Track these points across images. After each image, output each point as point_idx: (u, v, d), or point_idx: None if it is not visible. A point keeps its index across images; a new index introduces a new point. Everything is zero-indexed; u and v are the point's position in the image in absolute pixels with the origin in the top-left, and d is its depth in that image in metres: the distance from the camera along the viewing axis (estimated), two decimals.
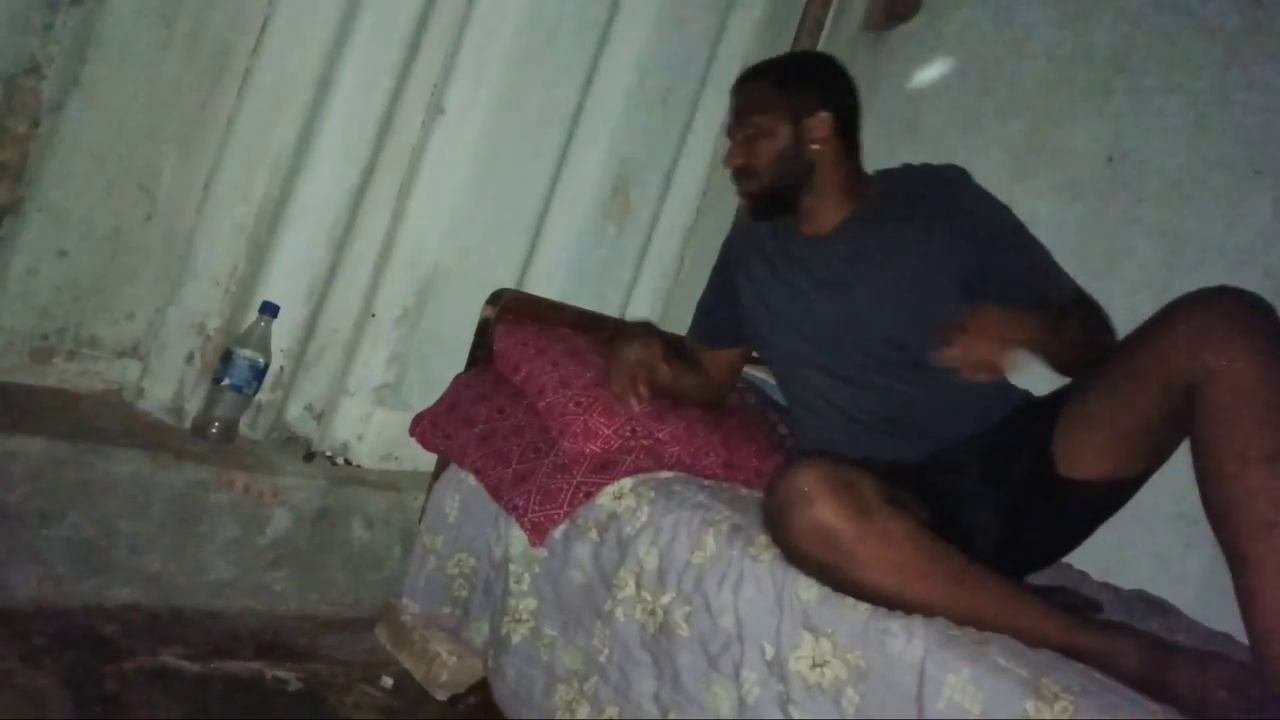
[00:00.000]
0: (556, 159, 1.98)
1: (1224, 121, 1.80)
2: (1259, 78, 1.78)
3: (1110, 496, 1.26)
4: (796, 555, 1.12)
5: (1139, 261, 1.79)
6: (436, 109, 1.79)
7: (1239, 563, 1.00)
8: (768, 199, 1.49)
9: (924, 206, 1.42)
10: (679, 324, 2.37)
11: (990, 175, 2.15)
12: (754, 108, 1.47)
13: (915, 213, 1.42)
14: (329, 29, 1.63)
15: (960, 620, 1.07)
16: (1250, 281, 1.72)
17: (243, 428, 1.70)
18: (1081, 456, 1.21)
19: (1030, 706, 0.95)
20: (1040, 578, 1.47)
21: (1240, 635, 1.06)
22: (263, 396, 1.70)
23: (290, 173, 1.65)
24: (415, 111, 1.80)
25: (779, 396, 1.87)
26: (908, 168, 1.52)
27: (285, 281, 1.69)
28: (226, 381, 1.58)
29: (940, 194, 1.43)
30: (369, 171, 1.74)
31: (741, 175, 1.48)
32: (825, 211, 1.49)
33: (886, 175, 1.52)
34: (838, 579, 1.10)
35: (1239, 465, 1.00)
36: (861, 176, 1.52)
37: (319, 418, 1.81)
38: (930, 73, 2.18)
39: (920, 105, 2.21)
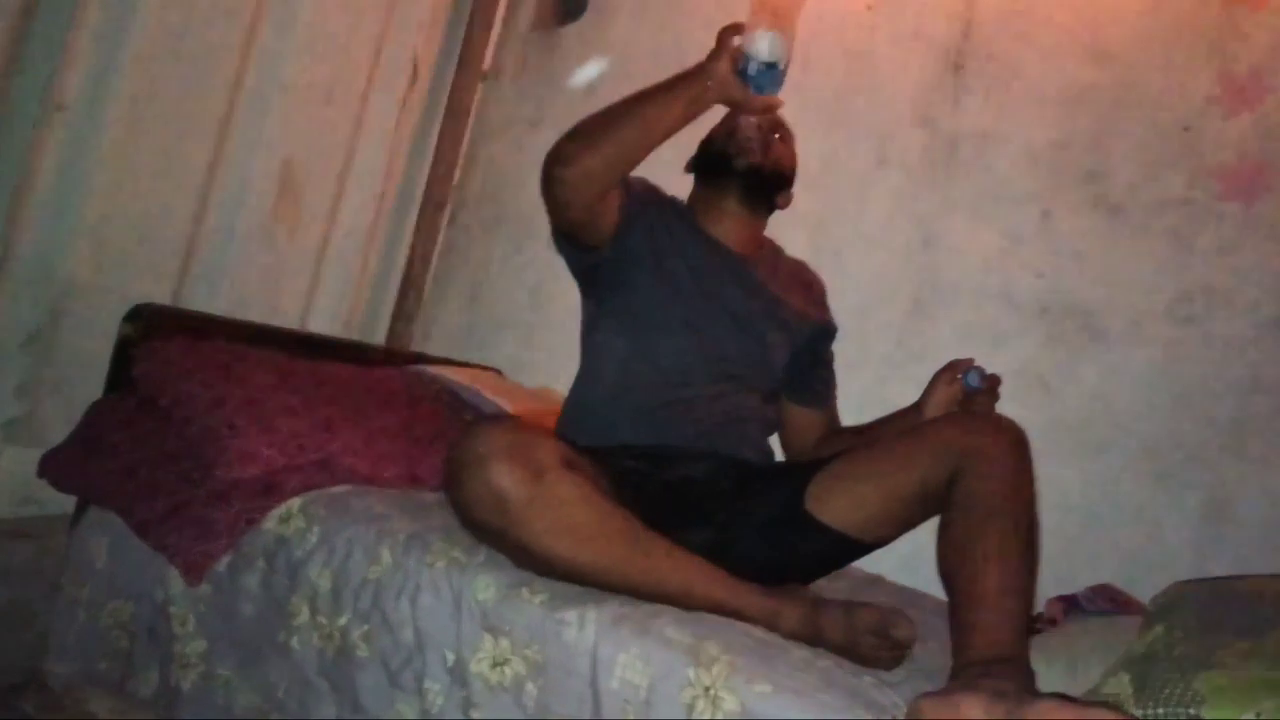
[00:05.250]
0: (209, 158, 1.82)
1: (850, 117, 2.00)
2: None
3: (841, 548, 1.33)
4: (470, 520, 1.11)
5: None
6: (54, 105, 1.58)
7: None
8: (758, 179, 1.57)
9: (813, 293, 1.71)
10: (367, 333, 2.28)
11: (659, 169, 2.26)
12: None
13: (810, 289, 1.71)
14: None
15: (634, 584, 1.11)
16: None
17: None
18: (829, 502, 1.29)
19: (692, 674, 1.00)
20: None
21: None
22: None
23: None
24: (27, 108, 1.58)
25: (475, 400, 1.85)
26: (780, 250, 1.73)
27: None
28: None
29: (819, 295, 1.73)
30: None
31: (771, 151, 1.56)
32: (737, 234, 1.60)
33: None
34: (511, 545, 1.09)
35: (979, 553, 1.09)
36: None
37: None
38: (599, 71, 2.25)
39: (593, 104, 2.27)
